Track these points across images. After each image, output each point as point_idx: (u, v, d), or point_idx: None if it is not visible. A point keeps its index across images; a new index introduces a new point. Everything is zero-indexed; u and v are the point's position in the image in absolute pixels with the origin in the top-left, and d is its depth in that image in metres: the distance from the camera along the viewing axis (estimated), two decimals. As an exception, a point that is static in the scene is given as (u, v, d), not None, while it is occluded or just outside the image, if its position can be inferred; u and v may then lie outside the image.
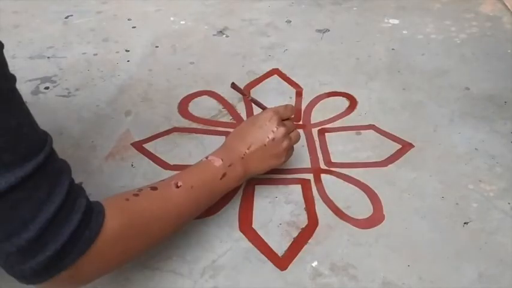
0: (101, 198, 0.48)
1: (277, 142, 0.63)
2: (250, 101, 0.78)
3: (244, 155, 0.62)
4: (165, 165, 0.74)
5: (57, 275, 0.41)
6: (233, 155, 0.61)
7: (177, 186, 0.54)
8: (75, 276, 0.43)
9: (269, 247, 0.62)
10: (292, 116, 0.70)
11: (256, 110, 0.76)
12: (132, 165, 0.74)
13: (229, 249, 0.62)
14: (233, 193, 0.68)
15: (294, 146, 0.68)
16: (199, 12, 1.16)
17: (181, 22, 1.13)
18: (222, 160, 0.59)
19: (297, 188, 0.70)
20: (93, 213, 0.44)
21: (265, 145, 0.62)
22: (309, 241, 0.62)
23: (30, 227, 0.39)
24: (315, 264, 0.60)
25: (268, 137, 0.63)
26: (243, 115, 0.84)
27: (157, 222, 0.52)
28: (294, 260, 0.60)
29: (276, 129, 0.63)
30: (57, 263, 0.41)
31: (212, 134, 0.79)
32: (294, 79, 0.93)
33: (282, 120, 0.65)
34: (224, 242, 0.62)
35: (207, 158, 0.61)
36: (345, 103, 0.87)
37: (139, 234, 0.49)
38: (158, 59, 0.99)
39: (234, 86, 0.76)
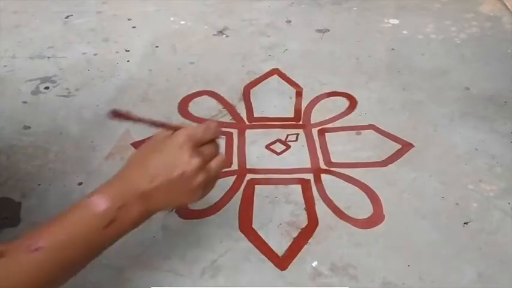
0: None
1: (189, 177, 0.47)
2: (149, 123, 0.51)
3: (144, 191, 0.47)
4: (165, 165, 0.73)
5: None
6: (129, 190, 0.47)
7: (35, 249, 0.41)
8: None
9: (269, 247, 0.62)
10: (219, 137, 0.51)
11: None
12: (132, 165, 0.73)
13: (229, 249, 0.62)
14: (233, 193, 0.68)
15: (294, 146, 0.67)
16: (199, 12, 1.16)
17: (181, 22, 1.13)
18: (110, 200, 0.45)
19: (297, 188, 0.70)
20: None
21: (172, 180, 0.47)
22: (309, 241, 0.62)
23: None
24: (315, 264, 0.60)
25: (176, 171, 0.47)
26: (243, 115, 0.84)
27: None
28: (294, 260, 0.60)
29: (187, 160, 0.47)
30: None
31: (212, 134, 0.79)
32: (294, 79, 0.93)
33: (202, 145, 0.49)
34: (224, 242, 0.62)
35: (89, 197, 0.46)
36: (345, 103, 0.87)
37: None
38: (158, 59, 0.99)
39: (115, 114, 0.48)
